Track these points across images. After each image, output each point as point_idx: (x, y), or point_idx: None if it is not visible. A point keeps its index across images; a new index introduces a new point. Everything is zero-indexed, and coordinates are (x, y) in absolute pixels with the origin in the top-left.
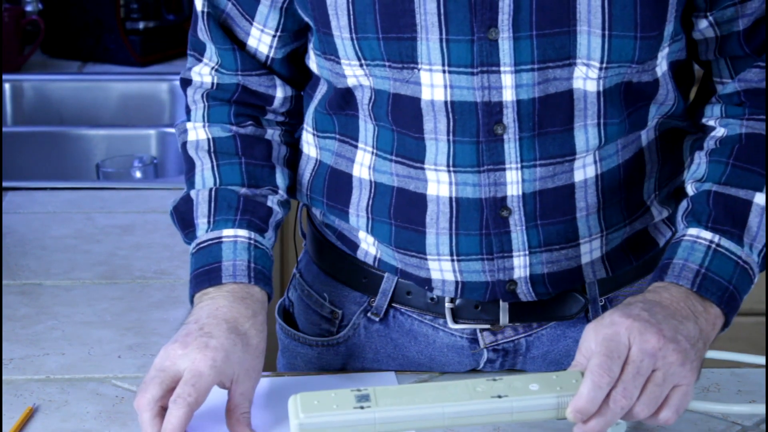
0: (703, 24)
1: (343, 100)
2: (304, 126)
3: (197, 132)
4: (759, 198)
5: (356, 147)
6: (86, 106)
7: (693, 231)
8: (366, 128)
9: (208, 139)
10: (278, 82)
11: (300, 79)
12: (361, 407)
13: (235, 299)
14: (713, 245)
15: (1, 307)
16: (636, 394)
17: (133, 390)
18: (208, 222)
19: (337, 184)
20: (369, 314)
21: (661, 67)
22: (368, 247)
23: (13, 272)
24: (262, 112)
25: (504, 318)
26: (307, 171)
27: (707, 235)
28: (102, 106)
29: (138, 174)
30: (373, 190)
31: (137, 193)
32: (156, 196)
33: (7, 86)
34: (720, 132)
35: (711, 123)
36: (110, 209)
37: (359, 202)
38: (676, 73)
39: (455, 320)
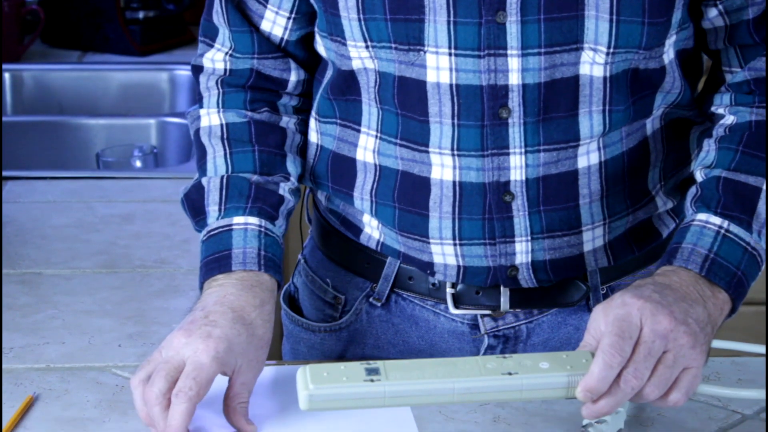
0: (712, 12)
1: (346, 84)
2: (311, 112)
3: (210, 118)
4: None
5: (359, 131)
6: (86, 95)
7: (702, 216)
8: (370, 112)
9: (222, 125)
10: (293, 65)
11: (314, 62)
12: (371, 380)
13: (243, 287)
14: (722, 230)
15: (1, 296)
16: (647, 374)
17: None
18: (219, 210)
19: (341, 168)
20: (371, 299)
21: (668, 54)
22: (372, 231)
23: (13, 261)
24: (278, 96)
25: (505, 304)
26: (310, 156)
27: (716, 220)
28: (102, 95)
29: (138, 163)
30: (377, 174)
31: (137, 183)
32: (156, 185)
33: (6, 76)
34: (729, 119)
35: (720, 111)
36: (110, 198)
37: (364, 185)
38: (683, 62)
39: (456, 306)
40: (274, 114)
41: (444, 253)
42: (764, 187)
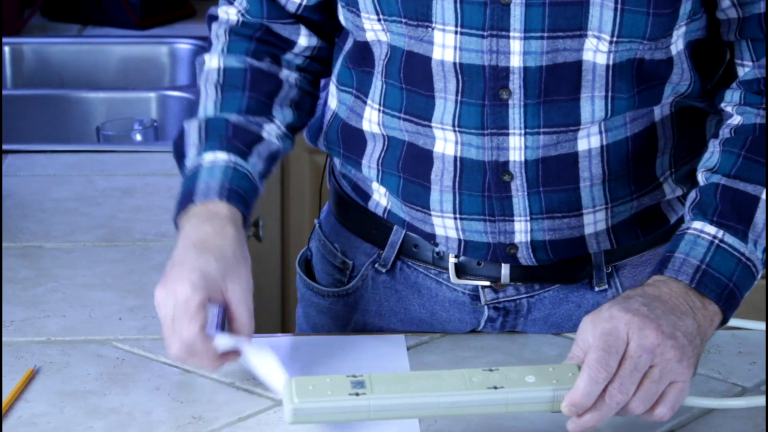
0: (726, 3)
1: (361, 55)
2: (331, 77)
3: (211, 61)
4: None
5: (365, 103)
6: (86, 69)
7: (698, 224)
8: (376, 85)
9: (219, 69)
10: (304, 31)
11: (332, 29)
12: (356, 394)
13: (200, 222)
14: (716, 240)
15: (0, 269)
16: (632, 389)
17: (134, 352)
18: (198, 151)
19: (350, 136)
20: (377, 265)
21: (677, 45)
22: (380, 198)
23: (13, 235)
24: (282, 51)
25: (505, 277)
26: (326, 121)
27: (711, 229)
28: (102, 69)
29: (138, 137)
30: (386, 144)
31: (137, 156)
32: (156, 158)
33: (6, 49)
34: (736, 120)
35: (729, 109)
36: (110, 172)
37: (372, 153)
38: (694, 54)
39: (458, 275)
40: (274, 65)
41: (445, 226)
42: (763, 196)
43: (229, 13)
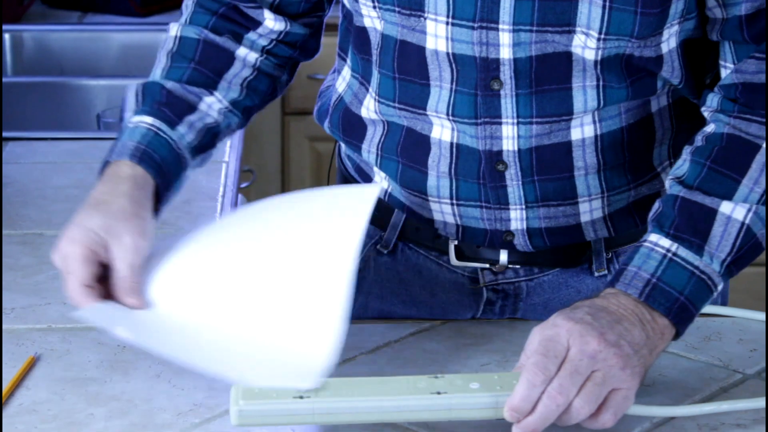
0: (711, 2)
1: (361, 41)
2: (346, 60)
3: (172, 29)
4: (725, 207)
5: (367, 91)
6: (87, 56)
7: (654, 237)
8: (373, 74)
9: (175, 37)
10: (269, 14)
11: (308, 12)
12: (300, 397)
13: (101, 183)
14: (669, 254)
15: (1, 256)
16: (573, 391)
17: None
18: (132, 115)
19: (351, 122)
20: (378, 247)
21: (668, 44)
22: (381, 180)
23: (14, 222)
24: (246, 30)
25: (504, 260)
26: (331, 104)
27: (666, 242)
28: (102, 56)
29: None
30: (385, 128)
31: None
32: None
33: (7, 37)
34: (710, 128)
35: (707, 114)
36: None
37: (372, 138)
38: (688, 52)
39: (458, 258)
40: (232, 41)
41: (443, 212)
42: (721, 209)
43: None
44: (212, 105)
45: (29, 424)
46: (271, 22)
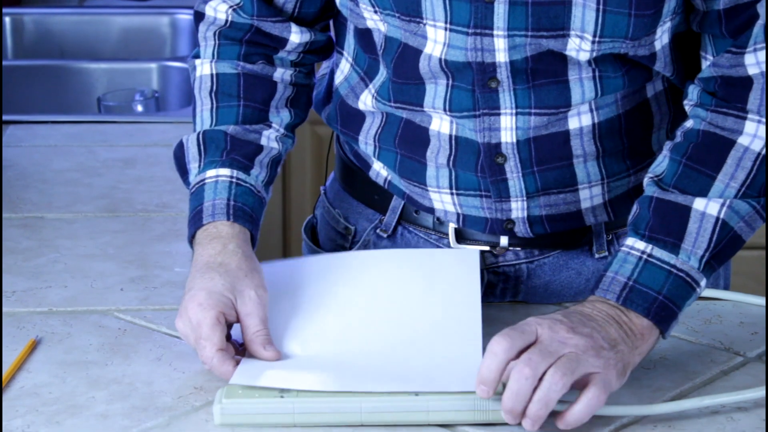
0: None
1: (364, 41)
2: (344, 53)
3: (203, 68)
4: (698, 203)
5: (366, 87)
6: (87, 39)
7: (630, 241)
8: (380, 71)
9: (212, 75)
10: (295, 28)
11: (326, 18)
12: (281, 397)
13: (203, 246)
14: (644, 256)
15: (1, 239)
16: (541, 365)
17: (135, 322)
18: (199, 165)
19: (347, 114)
20: (378, 231)
21: (661, 40)
22: (380, 169)
23: (14, 205)
24: (275, 51)
25: (504, 242)
26: (326, 95)
27: (641, 245)
28: (103, 39)
29: (139, 107)
30: (383, 119)
31: (139, 127)
32: (157, 129)
33: (7, 20)
34: (689, 123)
35: (687, 108)
36: (112, 143)
37: (369, 130)
38: (679, 45)
39: (458, 241)
40: (267, 65)
41: (443, 201)
42: (694, 206)
43: (217, 11)
44: (270, 136)
45: (30, 406)
46: (297, 36)
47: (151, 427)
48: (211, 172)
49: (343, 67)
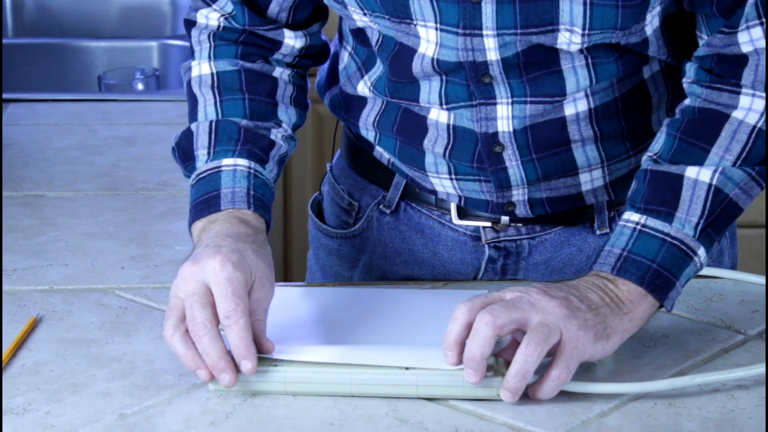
0: None
1: (359, 39)
2: (343, 42)
3: (201, 67)
4: (690, 171)
5: (362, 77)
6: (87, 17)
7: (626, 215)
8: (377, 64)
9: (212, 74)
10: (289, 33)
11: (319, 20)
12: (274, 365)
13: (232, 223)
14: (638, 226)
15: (1, 218)
16: (502, 316)
17: (136, 300)
18: (208, 153)
19: (349, 99)
20: (381, 207)
21: (652, 25)
22: (382, 150)
23: (15, 184)
24: (270, 53)
25: (506, 218)
26: (327, 81)
27: (635, 217)
28: (103, 17)
29: (140, 86)
30: (382, 106)
31: (139, 105)
32: (158, 107)
33: None
34: (686, 101)
35: (685, 85)
36: (112, 121)
37: (368, 116)
38: (671, 27)
39: (460, 217)
40: (266, 64)
41: (443, 185)
42: (686, 174)
43: (209, 18)
44: (278, 135)
45: (31, 384)
46: (291, 41)
47: (152, 404)
48: (228, 161)
49: (343, 56)
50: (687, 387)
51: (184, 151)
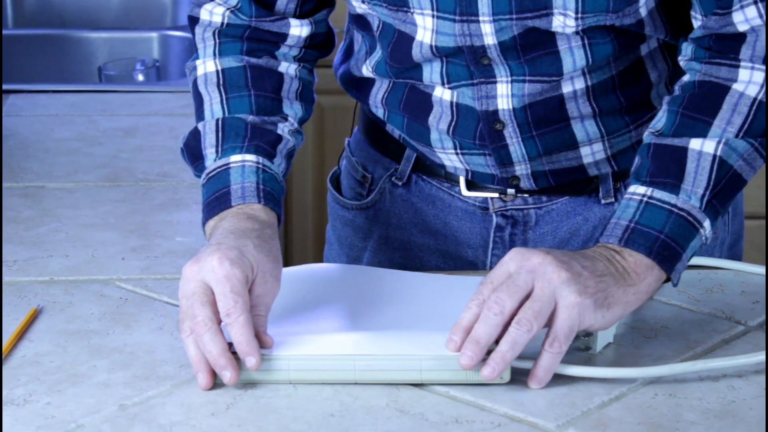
0: None
1: (360, 24)
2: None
3: (206, 65)
4: (694, 143)
5: (366, 59)
6: (88, 8)
7: (632, 188)
8: (377, 49)
9: (218, 71)
10: (294, 22)
11: (325, 8)
12: (278, 354)
13: (240, 220)
14: (645, 198)
15: (1, 209)
16: (507, 301)
17: (137, 291)
18: (216, 151)
19: (360, 79)
20: (393, 179)
21: (647, 6)
22: (392, 127)
23: (16, 175)
24: (276, 46)
25: (511, 190)
26: (340, 62)
27: (641, 189)
28: (104, 8)
29: (140, 77)
30: (390, 85)
31: (139, 96)
32: (158, 98)
33: None
34: (685, 77)
35: (682, 63)
36: (113, 112)
37: (377, 94)
38: (667, 6)
39: (468, 189)
40: (271, 59)
41: (450, 159)
42: (690, 145)
43: (213, 13)
44: (285, 130)
45: (32, 375)
46: (297, 29)
47: (153, 395)
48: (236, 157)
49: (356, 36)
50: (687, 375)
51: (192, 152)
